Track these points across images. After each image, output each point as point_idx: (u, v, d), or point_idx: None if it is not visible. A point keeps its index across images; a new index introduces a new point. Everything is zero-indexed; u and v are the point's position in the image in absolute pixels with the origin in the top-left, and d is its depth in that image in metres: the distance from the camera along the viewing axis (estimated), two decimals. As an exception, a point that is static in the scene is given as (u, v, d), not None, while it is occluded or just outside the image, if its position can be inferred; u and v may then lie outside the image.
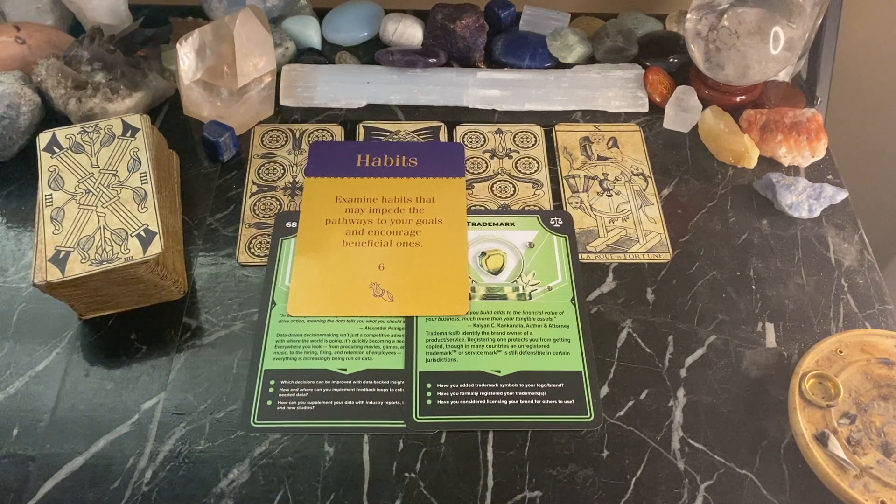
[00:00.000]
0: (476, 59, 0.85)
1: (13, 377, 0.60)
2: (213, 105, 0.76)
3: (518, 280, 0.66)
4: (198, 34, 0.74)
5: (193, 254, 0.68)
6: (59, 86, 0.75)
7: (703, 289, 0.66)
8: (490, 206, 0.72)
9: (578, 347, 0.62)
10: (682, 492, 0.55)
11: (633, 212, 0.72)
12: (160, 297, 0.63)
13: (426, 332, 0.62)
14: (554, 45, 0.86)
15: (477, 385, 0.60)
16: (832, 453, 0.54)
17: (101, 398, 0.59)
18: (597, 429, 0.58)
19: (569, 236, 0.69)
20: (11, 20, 0.82)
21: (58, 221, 0.60)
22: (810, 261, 0.69)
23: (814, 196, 0.71)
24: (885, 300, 0.66)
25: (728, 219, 0.72)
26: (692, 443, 0.57)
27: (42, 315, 0.63)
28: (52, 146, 0.64)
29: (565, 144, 0.78)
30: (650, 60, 0.85)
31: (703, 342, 0.63)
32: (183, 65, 0.74)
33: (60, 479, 0.55)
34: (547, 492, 0.55)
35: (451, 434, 0.57)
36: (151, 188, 0.62)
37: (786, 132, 0.75)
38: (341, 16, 0.89)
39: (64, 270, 0.57)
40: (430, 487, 0.55)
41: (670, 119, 0.79)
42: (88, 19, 0.82)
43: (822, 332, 0.64)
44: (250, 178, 0.74)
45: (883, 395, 0.57)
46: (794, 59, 0.78)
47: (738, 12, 0.75)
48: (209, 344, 0.62)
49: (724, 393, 0.60)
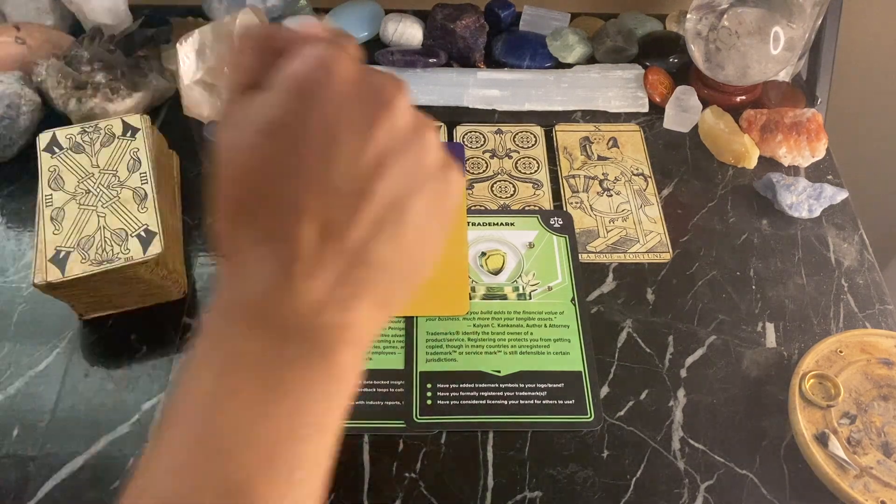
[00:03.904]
0: (476, 59, 0.85)
1: (13, 377, 0.60)
2: (214, 105, 0.76)
3: (518, 280, 0.66)
4: (198, 34, 0.74)
5: (193, 254, 0.68)
6: (59, 86, 0.75)
7: (704, 289, 0.66)
8: (490, 206, 0.72)
9: (578, 347, 0.62)
10: (682, 492, 0.55)
11: (633, 212, 0.72)
12: (160, 297, 0.63)
13: (426, 332, 0.62)
14: (554, 45, 0.86)
15: (477, 385, 0.60)
16: (832, 453, 0.54)
17: (101, 398, 0.59)
18: (597, 429, 0.58)
19: (569, 236, 0.69)
20: (11, 20, 0.82)
21: (58, 221, 0.60)
22: (810, 261, 0.69)
23: (814, 196, 0.71)
24: (885, 300, 0.66)
25: (728, 219, 0.72)
26: (692, 443, 0.57)
27: (42, 315, 0.63)
28: (52, 146, 0.64)
29: (565, 144, 0.78)
30: (650, 60, 0.85)
31: (704, 342, 0.63)
32: (183, 65, 0.74)
33: (60, 479, 0.55)
34: (547, 492, 0.55)
35: (451, 434, 0.57)
36: (151, 188, 0.62)
37: (786, 132, 0.75)
38: (341, 16, 0.88)
39: (64, 270, 0.57)
40: (430, 487, 0.55)
41: (670, 119, 0.79)
42: (88, 19, 0.82)
43: (822, 332, 0.64)
44: (250, 178, 0.74)
45: (883, 395, 0.57)
46: (794, 59, 0.78)
47: (738, 12, 0.75)
48: (209, 344, 0.62)
49: (724, 393, 0.60)
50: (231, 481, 0.26)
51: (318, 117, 0.27)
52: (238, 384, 0.27)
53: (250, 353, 0.28)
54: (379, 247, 0.28)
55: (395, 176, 0.28)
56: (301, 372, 0.28)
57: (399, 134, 0.28)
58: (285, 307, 0.28)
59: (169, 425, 0.28)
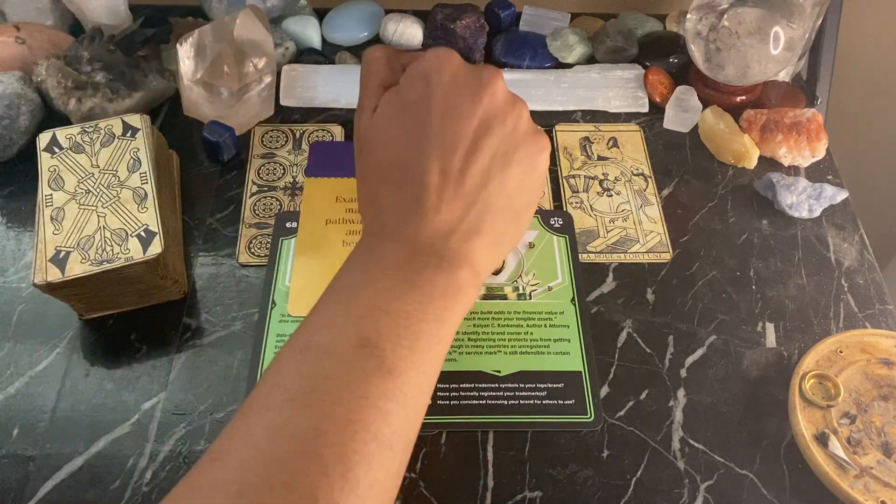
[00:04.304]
0: (476, 59, 0.85)
1: (13, 377, 0.60)
2: (213, 105, 0.76)
3: (518, 280, 0.66)
4: (198, 34, 0.74)
5: (193, 254, 0.68)
6: (59, 86, 0.75)
7: (704, 289, 0.66)
8: (490, 206, 0.72)
9: (578, 347, 0.62)
10: (682, 492, 0.55)
11: (633, 212, 0.72)
12: (160, 297, 0.63)
13: (426, 332, 0.62)
14: (554, 45, 0.86)
15: (477, 385, 0.60)
16: (832, 453, 0.54)
17: (101, 398, 0.59)
18: (597, 429, 0.58)
19: (569, 236, 0.69)
20: (11, 20, 0.82)
21: (58, 221, 0.60)
22: (810, 261, 0.69)
23: (814, 196, 0.71)
24: (885, 300, 0.66)
25: (728, 219, 0.72)
26: (692, 443, 0.57)
27: (42, 315, 0.63)
28: (52, 146, 0.64)
29: (565, 144, 0.78)
30: (650, 60, 0.85)
31: (704, 342, 0.63)
32: (183, 65, 0.74)
33: (60, 479, 0.55)
34: (547, 492, 0.55)
35: (451, 434, 0.57)
36: (151, 188, 0.62)
37: (786, 132, 0.75)
38: (341, 16, 0.88)
39: (64, 270, 0.57)
40: (430, 487, 0.55)
41: (670, 119, 0.79)
42: (88, 19, 0.82)
43: (822, 332, 0.64)
44: (250, 178, 0.74)
45: (883, 395, 0.57)
46: (794, 59, 0.78)
47: (738, 12, 0.75)
48: (209, 344, 0.62)
49: (724, 393, 0.60)
50: (364, 337, 0.33)
51: (438, 94, 0.37)
52: (380, 276, 0.36)
53: (391, 258, 0.36)
54: (489, 192, 0.37)
55: (497, 136, 0.37)
56: (429, 276, 0.36)
57: (498, 105, 0.38)
58: (419, 231, 0.36)
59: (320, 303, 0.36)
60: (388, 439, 0.33)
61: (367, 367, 0.33)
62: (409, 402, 0.34)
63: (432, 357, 0.35)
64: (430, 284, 0.35)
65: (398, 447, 0.34)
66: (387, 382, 0.33)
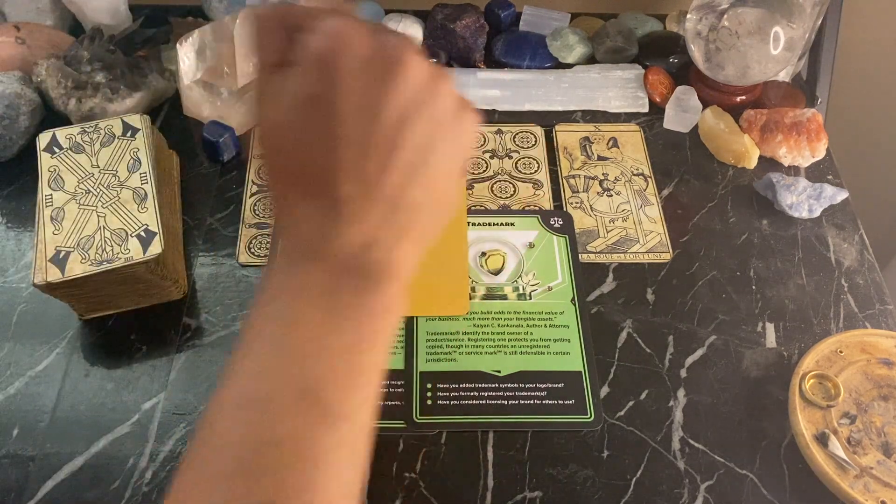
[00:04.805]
0: (476, 59, 0.85)
1: (13, 377, 0.60)
2: (213, 105, 0.76)
3: (518, 280, 0.66)
4: (198, 34, 0.74)
5: (193, 254, 0.68)
6: (59, 86, 0.75)
7: (703, 289, 0.66)
8: (490, 206, 0.72)
9: (578, 347, 0.62)
10: (682, 492, 0.55)
11: (633, 212, 0.72)
12: (160, 297, 0.63)
13: (426, 332, 0.62)
14: (554, 45, 0.86)
15: (477, 385, 0.60)
16: (832, 453, 0.54)
17: (101, 398, 0.59)
18: (597, 429, 0.58)
19: (569, 236, 0.69)
20: (11, 20, 0.82)
21: (58, 221, 0.60)
22: (810, 261, 0.69)
23: (814, 196, 0.71)
24: (885, 300, 0.66)
25: (728, 219, 0.72)
26: (692, 443, 0.57)
27: (42, 315, 0.63)
28: (52, 146, 0.64)
29: (565, 144, 0.78)
30: (650, 60, 0.85)
31: (704, 342, 0.63)
32: (183, 65, 0.74)
33: (60, 479, 0.55)
34: (547, 492, 0.55)
35: (451, 434, 0.57)
36: (151, 188, 0.62)
37: (786, 132, 0.75)
38: (341, 16, 0.88)
39: (64, 270, 0.57)
40: (430, 487, 0.55)
41: (670, 119, 0.79)
42: (88, 19, 0.82)
43: (822, 332, 0.64)
44: (250, 178, 0.74)
45: (883, 395, 0.57)
46: (794, 59, 0.78)
47: (738, 12, 0.75)
48: (209, 344, 0.62)
49: (724, 393, 0.60)
50: (306, 383, 0.31)
51: (344, 88, 0.31)
52: (306, 309, 0.33)
53: (314, 285, 0.33)
54: (412, 191, 0.33)
55: (416, 126, 0.32)
56: (357, 298, 0.33)
57: (415, 87, 0.32)
58: (338, 247, 0.32)
59: (248, 342, 0.33)
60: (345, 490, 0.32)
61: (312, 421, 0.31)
62: (360, 445, 0.33)
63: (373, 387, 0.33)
64: (361, 309, 0.33)
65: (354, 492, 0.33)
66: (335, 432, 0.31)
